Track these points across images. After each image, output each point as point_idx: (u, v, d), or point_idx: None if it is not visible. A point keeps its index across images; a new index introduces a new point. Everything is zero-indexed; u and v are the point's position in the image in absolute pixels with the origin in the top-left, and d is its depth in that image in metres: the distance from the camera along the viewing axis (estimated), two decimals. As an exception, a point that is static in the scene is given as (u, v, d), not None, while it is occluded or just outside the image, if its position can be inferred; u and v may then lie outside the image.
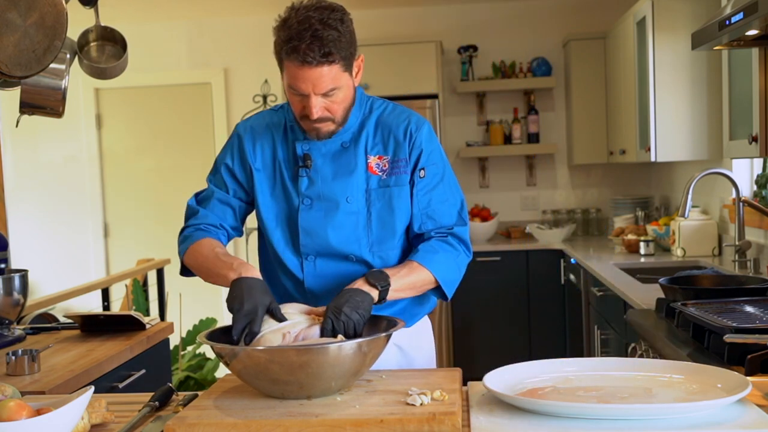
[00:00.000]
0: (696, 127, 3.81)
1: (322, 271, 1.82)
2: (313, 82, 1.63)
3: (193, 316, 4.71)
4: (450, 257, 1.80)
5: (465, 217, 1.87)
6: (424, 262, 1.76)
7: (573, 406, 1.30)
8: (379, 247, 1.81)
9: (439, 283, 1.78)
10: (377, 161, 1.81)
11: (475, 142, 5.33)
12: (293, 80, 1.65)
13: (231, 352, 1.43)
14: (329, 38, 1.60)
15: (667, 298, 2.35)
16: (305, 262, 1.82)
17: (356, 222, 1.80)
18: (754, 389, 1.40)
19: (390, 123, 1.82)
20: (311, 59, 1.60)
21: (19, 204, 5.52)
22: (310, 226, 1.80)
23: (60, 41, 2.00)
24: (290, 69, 1.64)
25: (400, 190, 1.80)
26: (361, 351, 1.42)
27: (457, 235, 1.84)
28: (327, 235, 1.79)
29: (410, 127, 1.82)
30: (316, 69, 1.62)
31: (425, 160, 1.82)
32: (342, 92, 1.69)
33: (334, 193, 1.79)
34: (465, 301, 4.86)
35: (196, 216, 1.87)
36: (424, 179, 1.82)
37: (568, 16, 5.33)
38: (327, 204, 1.79)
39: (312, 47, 1.59)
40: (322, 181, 1.79)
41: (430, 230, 1.83)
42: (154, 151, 5.73)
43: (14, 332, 2.35)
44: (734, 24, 2.24)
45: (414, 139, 1.81)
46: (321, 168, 1.79)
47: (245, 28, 5.51)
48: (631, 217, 4.74)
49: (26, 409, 1.19)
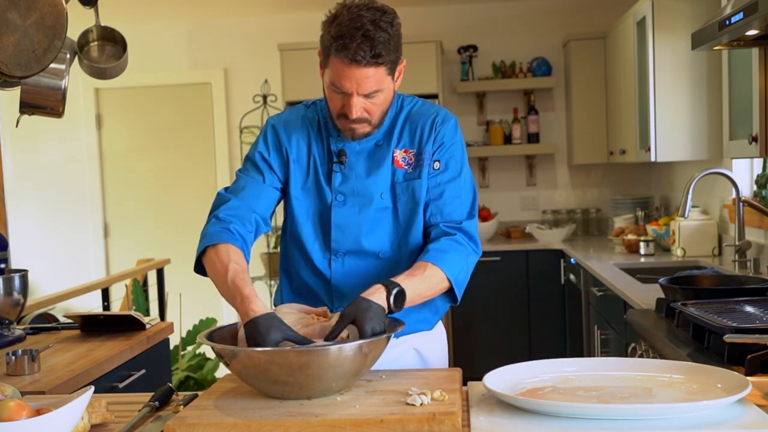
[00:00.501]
0: (696, 127, 3.81)
1: (350, 269, 1.81)
2: (358, 81, 1.64)
3: (193, 316, 4.71)
4: (460, 258, 1.77)
5: (475, 212, 1.86)
6: (437, 262, 1.71)
7: (573, 406, 1.30)
8: (405, 241, 1.82)
9: (452, 286, 1.76)
10: (403, 155, 1.81)
11: (475, 142, 5.33)
12: (338, 78, 1.65)
13: (231, 352, 1.43)
14: (380, 39, 1.61)
15: (667, 298, 2.35)
16: (334, 259, 1.81)
17: (386, 218, 1.80)
18: (754, 389, 1.40)
19: (419, 118, 1.83)
20: (361, 58, 1.60)
21: (19, 204, 5.52)
22: (343, 223, 1.79)
23: (60, 41, 2.00)
24: (337, 66, 1.64)
25: (421, 183, 1.80)
26: (362, 352, 1.42)
27: (466, 231, 1.81)
28: (360, 232, 1.79)
29: (437, 119, 1.83)
30: (364, 69, 1.62)
31: (443, 152, 1.82)
32: (383, 95, 1.70)
33: (369, 190, 1.79)
34: (465, 301, 4.78)
35: (226, 205, 1.77)
36: (440, 171, 1.81)
37: (568, 16, 5.33)
38: (361, 200, 1.79)
39: (363, 47, 1.59)
40: (356, 177, 1.79)
41: (438, 222, 1.81)
42: (154, 151, 5.73)
43: (14, 332, 2.35)
44: (734, 24, 2.24)
45: (438, 131, 1.82)
46: (355, 165, 1.80)
47: (245, 28, 5.51)
48: (631, 217, 4.74)
49: (26, 409, 1.19)
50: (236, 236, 1.72)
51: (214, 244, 1.70)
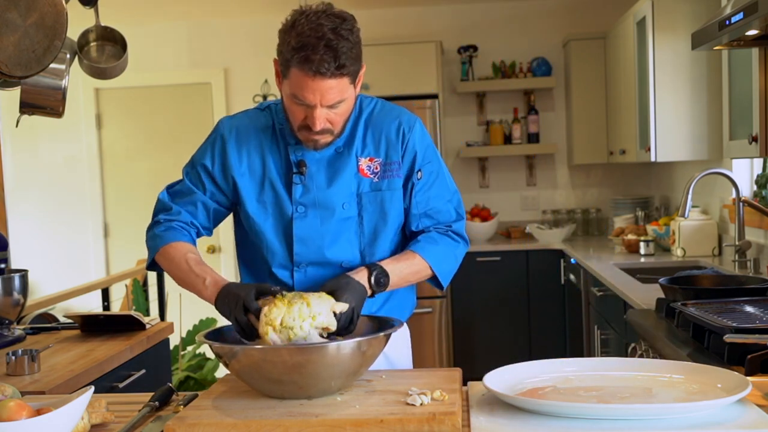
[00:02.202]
0: (696, 127, 3.81)
1: (314, 279, 1.78)
2: (322, 93, 1.58)
3: (193, 316, 4.70)
4: (449, 249, 1.81)
5: (461, 212, 1.86)
6: (423, 253, 1.76)
7: (573, 406, 1.30)
8: (370, 251, 1.79)
9: (435, 274, 1.79)
10: (369, 163, 1.76)
11: (475, 142, 5.33)
12: (300, 90, 1.59)
13: (230, 351, 1.43)
14: (343, 50, 1.55)
15: (667, 298, 2.35)
16: (296, 270, 1.78)
17: (349, 228, 1.77)
18: (754, 389, 1.40)
19: (381, 123, 1.78)
20: (325, 70, 1.54)
21: (19, 204, 5.51)
22: (306, 235, 1.75)
23: (60, 41, 2.00)
24: (299, 78, 1.57)
25: (392, 194, 1.77)
26: (360, 350, 1.42)
27: (455, 230, 1.84)
28: (323, 244, 1.75)
29: (402, 127, 1.77)
30: (328, 80, 1.56)
31: (420, 161, 1.79)
32: (346, 104, 1.65)
33: (330, 200, 1.74)
34: (465, 301, 4.86)
35: (168, 212, 1.81)
36: (422, 180, 1.80)
37: (568, 16, 5.33)
38: (322, 212, 1.75)
39: (326, 58, 1.53)
40: (317, 188, 1.74)
41: (428, 227, 1.82)
42: (154, 151, 5.72)
43: (14, 332, 2.35)
44: (734, 24, 2.24)
45: (407, 140, 1.77)
46: (315, 174, 1.74)
47: (245, 28, 5.51)
48: (631, 217, 4.74)
49: (26, 409, 1.19)
50: (184, 233, 1.80)
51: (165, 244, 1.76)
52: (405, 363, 1.94)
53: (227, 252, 5.59)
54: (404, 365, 1.93)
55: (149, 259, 1.82)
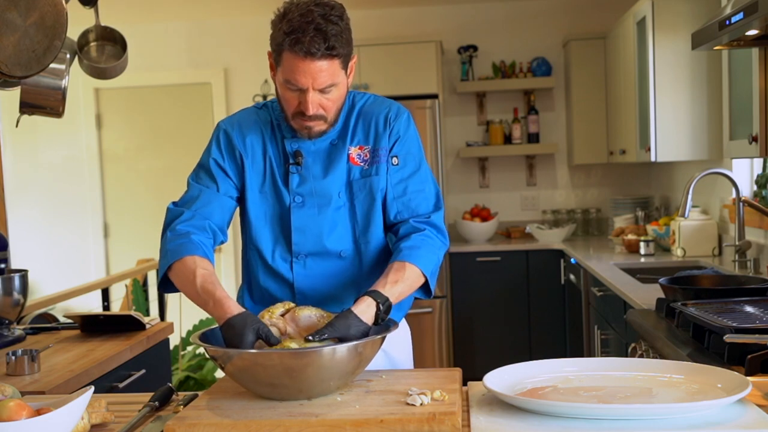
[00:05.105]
0: (696, 127, 3.81)
1: (313, 271, 1.80)
2: (314, 75, 1.62)
3: (193, 316, 4.70)
4: (432, 252, 1.77)
5: (440, 204, 1.85)
6: (413, 261, 1.71)
7: (573, 406, 1.30)
8: (364, 239, 1.81)
9: (428, 280, 1.75)
10: (359, 152, 1.80)
11: (475, 142, 5.33)
12: (292, 74, 1.63)
13: (224, 354, 1.42)
14: (332, 32, 1.60)
15: (667, 298, 2.35)
16: (296, 262, 1.79)
17: (344, 216, 1.80)
18: (754, 389, 1.40)
19: (371, 113, 1.82)
20: (315, 51, 1.59)
21: (19, 204, 5.52)
22: (304, 224, 1.78)
23: (60, 41, 2.00)
24: (291, 61, 1.62)
25: (379, 179, 1.80)
26: (357, 351, 1.42)
27: (434, 224, 1.81)
28: (321, 233, 1.78)
29: (390, 114, 1.82)
30: (318, 62, 1.61)
31: (399, 147, 1.81)
32: (337, 90, 1.69)
33: (327, 190, 1.78)
34: (465, 301, 4.86)
35: (179, 219, 1.75)
36: (399, 167, 1.81)
37: (568, 16, 5.33)
38: (319, 201, 1.78)
39: (316, 39, 1.59)
40: (313, 178, 1.78)
41: (407, 218, 1.81)
42: (154, 151, 5.73)
43: (14, 332, 2.35)
44: (734, 24, 2.24)
45: (392, 126, 1.81)
46: (311, 165, 1.78)
47: (245, 28, 5.51)
48: (631, 217, 4.74)
49: (26, 409, 1.19)
50: (197, 246, 1.69)
51: (178, 259, 1.67)
52: (406, 361, 1.94)
53: (227, 252, 5.59)
54: (405, 363, 1.93)
55: (159, 278, 1.75)
